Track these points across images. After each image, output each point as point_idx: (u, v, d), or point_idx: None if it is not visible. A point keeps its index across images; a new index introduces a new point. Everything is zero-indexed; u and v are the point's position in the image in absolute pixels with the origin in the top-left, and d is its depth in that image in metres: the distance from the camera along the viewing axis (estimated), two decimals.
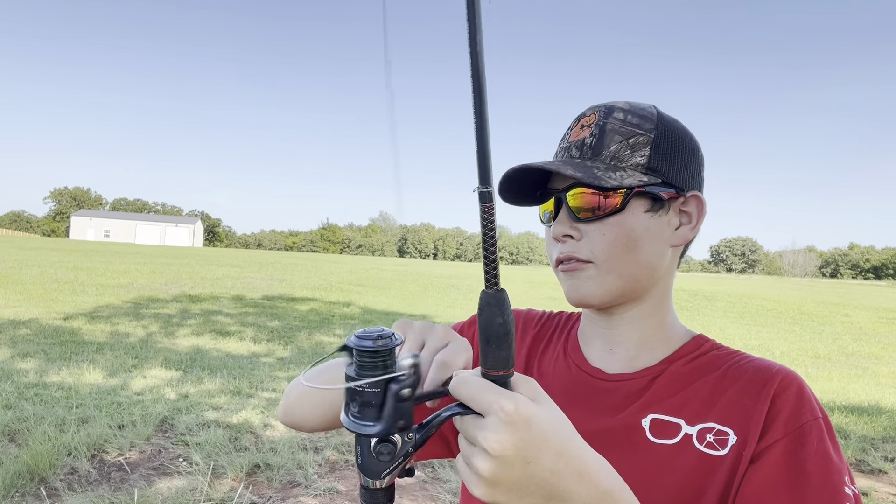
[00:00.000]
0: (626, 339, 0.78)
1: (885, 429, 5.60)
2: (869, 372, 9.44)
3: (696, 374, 0.74)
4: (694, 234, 0.76)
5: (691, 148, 0.76)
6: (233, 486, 3.62)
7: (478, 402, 0.47)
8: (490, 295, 0.49)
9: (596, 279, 0.73)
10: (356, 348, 0.51)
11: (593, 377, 0.78)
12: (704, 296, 21.87)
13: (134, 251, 33.87)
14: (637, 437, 0.71)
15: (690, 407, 0.71)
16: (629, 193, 0.71)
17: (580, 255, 0.73)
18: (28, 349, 7.10)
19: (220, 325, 10.03)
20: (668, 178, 0.73)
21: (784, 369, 0.71)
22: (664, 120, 0.75)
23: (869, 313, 19.17)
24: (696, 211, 0.76)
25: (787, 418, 0.66)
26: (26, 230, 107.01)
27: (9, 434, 4.22)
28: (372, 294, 16.95)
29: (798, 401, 0.68)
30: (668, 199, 0.73)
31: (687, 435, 0.69)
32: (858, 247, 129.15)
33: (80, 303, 11.60)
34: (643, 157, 0.72)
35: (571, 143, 0.76)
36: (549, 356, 0.85)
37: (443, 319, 12.62)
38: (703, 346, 0.77)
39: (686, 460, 0.68)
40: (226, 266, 23.65)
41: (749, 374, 0.71)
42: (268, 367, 7.06)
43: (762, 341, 12.31)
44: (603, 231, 0.72)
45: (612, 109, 0.75)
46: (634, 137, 0.73)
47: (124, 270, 18.68)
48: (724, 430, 0.68)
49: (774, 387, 0.68)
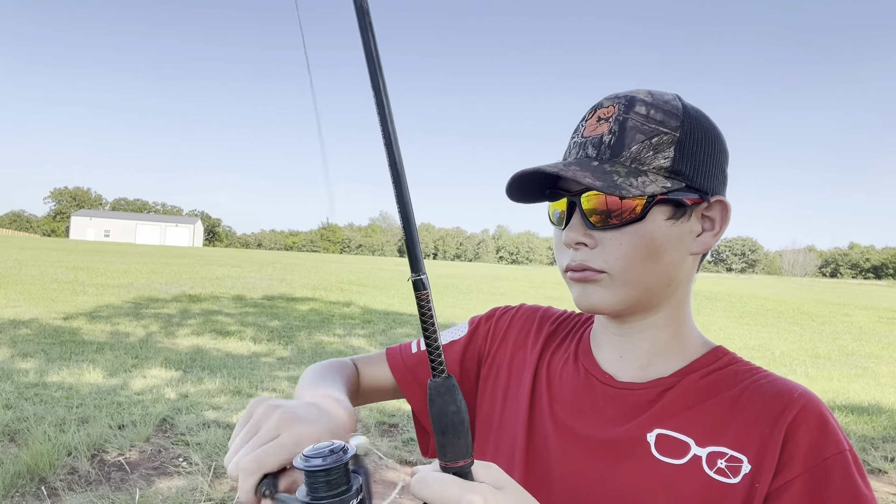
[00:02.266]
0: (637, 348, 0.73)
1: (885, 428, 5.60)
2: (869, 372, 9.44)
3: (711, 391, 0.68)
4: (716, 240, 0.71)
5: (717, 145, 0.70)
6: (233, 486, 3.62)
7: (443, 500, 0.45)
8: (439, 384, 0.47)
9: (609, 289, 0.68)
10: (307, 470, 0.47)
11: (603, 383, 0.74)
12: (704, 296, 21.87)
13: (134, 251, 33.88)
14: (641, 452, 0.67)
15: (702, 426, 0.66)
16: (651, 201, 0.65)
17: (594, 264, 0.67)
18: (28, 349, 7.09)
19: (221, 325, 10.03)
20: (692, 181, 0.66)
21: (806, 395, 0.65)
22: (690, 115, 0.68)
23: (869, 313, 19.17)
24: (721, 217, 0.70)
25: (807, 453, 0.61)
26: (26, 230, 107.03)
27: (9, 434, 4.22)
28: (372, 294, 16.94)
29: (820, 433, 0.62)
30: (691, 205, 0.67)
31: (696, 457, 0.65)
32: (858, 246, 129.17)
33: (81, 303, 11.60)
34: (667, 159, 0.65)
35: (587, 138, 0.69)
36: (559, 357, 0.82)
37: (443, 319, 12.62)
38: (721, 359, 0.72)
39: (692, 484, 0.63)
40: (226, 266, 23.65)
41: (768, 397, 0.65)
42: (268, 366, 7.06)
43: (762, 341, 12.30)
44: (620, 240, 0.66)
45: (634, 102, 0.67)
46: (658, 136, 0.66)
47: (124, 270, 18.68)
48: (737, 456, 0.63)
49: (793, 415, 0.63)
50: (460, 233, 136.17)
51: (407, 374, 0.89)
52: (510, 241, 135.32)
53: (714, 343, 0.75)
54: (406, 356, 0.91)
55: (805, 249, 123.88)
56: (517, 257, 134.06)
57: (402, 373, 0.89)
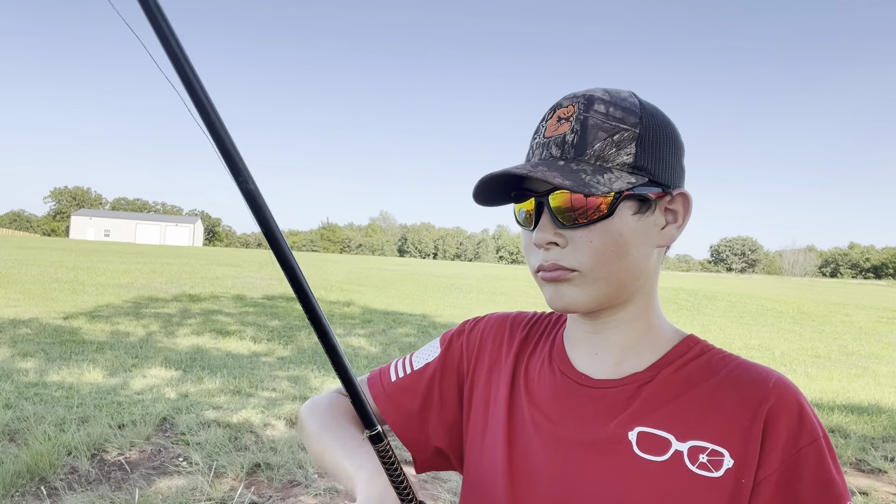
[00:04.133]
0: (611, 344, 0.74)
1: (885, 428, 5.60)
2: (869, 371, 9.45)
3: (688, 384, 0.69)
4: (680, 232, 0.72)
5: (674, 139, 0.71)
6: (233, 485, 3.62)
7: None
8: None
9: (582, 287, 0.69)
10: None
11: (579, 384, 0.74)
12: (704, 295, 21.86)
13: (134, 251, 33.86)
14: (623, 451, 0.68)
15: (681, 420, 0.67)
16: (618, 197, 0.66)
17: (565, 263, 0.68)
18: (28, 349, 7.10)
19: (221, 325, 10.03)
20: (654, 175, 0.68)
21: (781, 383, 0.66)
22: (647, 111, 0.69)
23: (869, 313, 19.17)
24: (683, 209, 0.72)
25: (785, 444, 0.63)
26: (26, 230, 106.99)
27: (9, 434, 4.23)
28: (372, 294, 16.95)
29: (797, 422, 0.64)
30: (655, 199, 0.69)
31: (677, 452, 0.65)
32: (858, 246, 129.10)
33: (81, 302, 11.60)
34: (629, 155, 0.66)
35: (550, 138, 0.69)
36: (535, 361, 0.81)
37: (443, 319, 12.63)
38: (694, 348, 0.73)
39: (675, 480, 0.64)
40: (226, 265, 23.64)
41: (745, 388, 0.67)
42: (268, 366, 7.07)
43: (762, 341, 12.31)
44: (590, 238, 0.67)
45: (593, 100, 0.68)
46: (619, 133, 0.66)
47: (124, 270, 18.68)
48: (718, 450, 0.64)
49: (770, 405, 0.64)
50: (460, 232, 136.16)
51: (389, 405, 0.87)
52: (510, 241, 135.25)
53: (685, 332, 0.76)
54: (386, 384, 0.89)
55: (805, 249, 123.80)
56: (517, 257, 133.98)
57: (385, 403, 0.88)
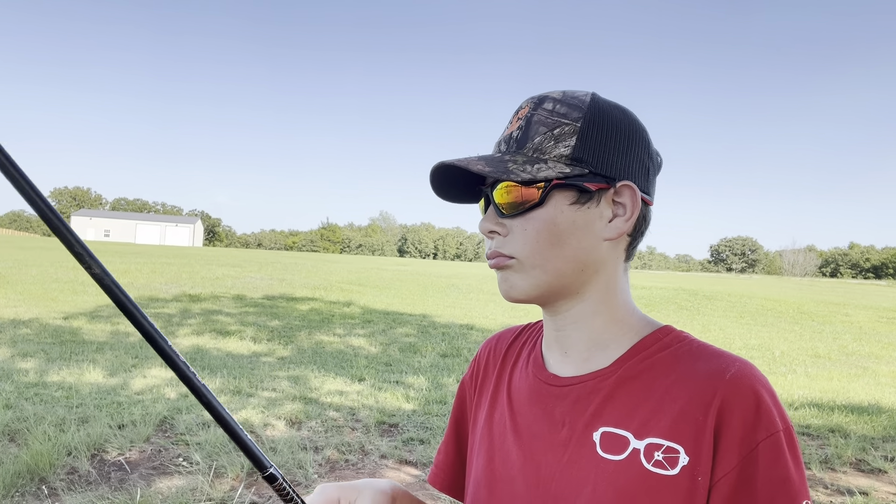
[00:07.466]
0: (576, 341, 0.74)
1: (885, 428, 5.60)
2: (869, 371, 9.45)
3: (649, 377, 0.68)
4: (629, 226, 0.71)
5: (628, 134, 0.71)
6: (233, 485, 3.62)
7: None
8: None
9: (521, 273, 0.71)
10: None
11: (548, 384, 0.75)
12: (704, 295, 21.86)
13: (134, 251, 33.84)
14: (588, 453, 0.68)
15: (638, 417, 0.66)
16: (548, 186, 0.68)
17: (505, 250, 0.71)
18: (28, 349, 7.10)
19: (221, 325, 10.04)
20: (596, 168, 0.69)
21: (739, 373, 0.63)
22: (597, 107, 0.70)
23: (869, 313, 19.16)
24: (631, 202, 0.70)
25: (741, 441, 0.61)
26: (26, 230, 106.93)
27: (9, 434, 4.23)
28: (372, 294, 16.95)
29: (753, 416, 0.61)
30: (596, 191, 0.69)
31: (635, 450, 0.64)
32: (858, 246, 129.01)
33: (81, 302, 11.61)
34: (567, 147, 0.68)
35: (503, 137, 0.74)
36: (518, 370, 0.82)
37: (443, 319, 12.63)
38: (663, 340, 0.71)
39: (632, 479, 0.63)
40: (226, 266, 23.63)
41: (699, 381, 0.64)
42: (268, 366, 7.07)
43: (762, 341, 12.31)
44: (525, 226, 0.69)
45: (544, 100, 0.72)
46: (560, 128, 0.69)
47: (124, 270, 18.67)
48: (673, 447, 0.63)
49: (723, 398, 0.62)
50: (460, 233, 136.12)
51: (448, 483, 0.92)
52: None
53: (659, 324, 0.74)
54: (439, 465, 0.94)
55: (805, 249, 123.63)
56: None
57: (446, 483, 0.93)
